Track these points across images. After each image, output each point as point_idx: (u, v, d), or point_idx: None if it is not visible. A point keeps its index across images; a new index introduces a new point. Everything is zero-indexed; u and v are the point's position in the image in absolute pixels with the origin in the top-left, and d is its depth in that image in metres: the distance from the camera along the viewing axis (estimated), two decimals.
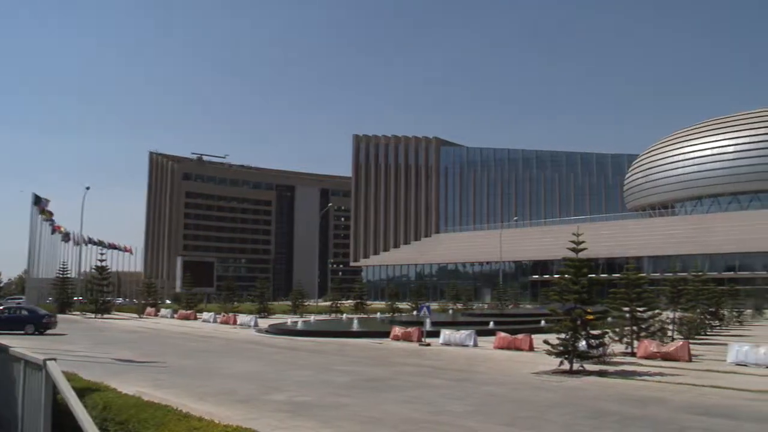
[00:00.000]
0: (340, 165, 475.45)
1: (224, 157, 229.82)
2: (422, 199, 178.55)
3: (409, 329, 40.00)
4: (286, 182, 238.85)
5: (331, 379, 22.80)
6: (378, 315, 70.40)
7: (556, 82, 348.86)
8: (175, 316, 68.93)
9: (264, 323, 55.16)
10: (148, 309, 76.11)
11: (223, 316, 61.20)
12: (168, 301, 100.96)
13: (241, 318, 57.81)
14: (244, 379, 22.25)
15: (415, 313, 61.95)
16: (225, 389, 19.83)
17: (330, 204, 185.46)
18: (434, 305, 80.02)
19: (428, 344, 36.77)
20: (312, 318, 64.17)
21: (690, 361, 28.09)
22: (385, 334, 41.58)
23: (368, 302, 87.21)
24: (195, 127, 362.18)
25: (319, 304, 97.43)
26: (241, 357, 30.88)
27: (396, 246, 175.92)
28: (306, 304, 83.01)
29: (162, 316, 71.46)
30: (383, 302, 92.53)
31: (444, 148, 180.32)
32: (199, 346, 36.99)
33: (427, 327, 39.17)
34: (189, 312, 68.18)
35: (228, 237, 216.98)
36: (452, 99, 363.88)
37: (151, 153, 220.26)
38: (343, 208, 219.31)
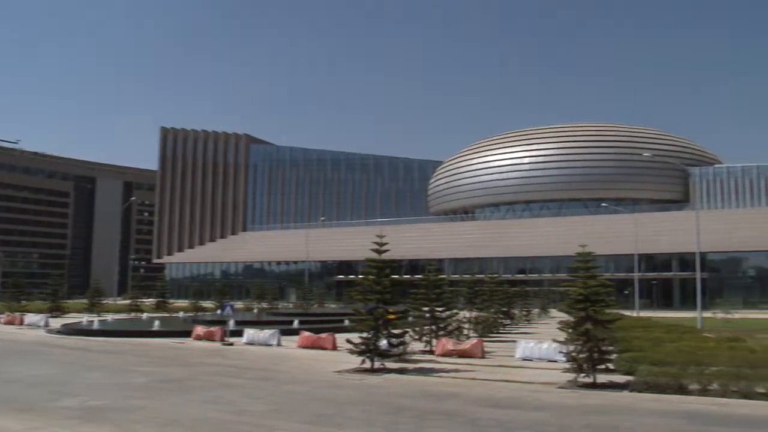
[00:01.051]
0: (145, 158, 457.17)
1: (16, 143, 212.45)
2: (230, 196, 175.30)
3: (212, 328, 39.28)
4: (86, 173, 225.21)
5: (127, 380, 21.81)
6: (181, 314, 68.25)
7: (367, 86, 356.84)
8: None
9: (56, 323, 51.89)
10: None
11: (8, 315, 56.63)
12: None
13: (30, 318, 53.76)
14: (29, 385, 20.70)
15: (218, 312, 60.73)
16: (5, 396, 18.36)
17: (133, 198, 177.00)
18: (239, 304, 79.02)
19: (231, 344, 36.23)
20: (110, 317, 61.04)
21: (483, 357, 29.71)
22: (188, 334, 40.59)
23: (171, 301, 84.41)
24: None
25: (119, 302, 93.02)
26: (27, 360, 28.74)
27: (201, 243, 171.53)
28: (104, 302, 78.57)
29: None
30: (187, 301, 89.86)
31: (254, 145, 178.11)
32: None
33: (231, 326, 38.66)
34: None
35: (18, 230, 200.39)
36: (266, 98, 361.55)
37: None
38: (147, 202, 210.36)
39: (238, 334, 38.34)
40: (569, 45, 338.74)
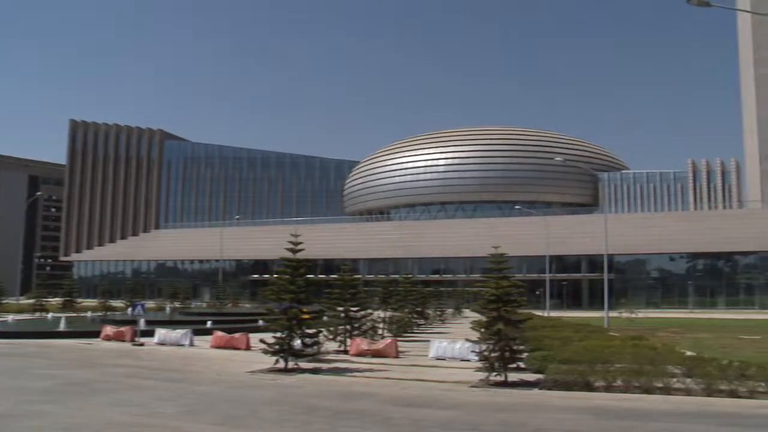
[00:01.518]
0: (53, 151, 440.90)
1: None
2: (142, 192, 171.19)
3: (122, 328, 38.30)
4: None
5: (29, 384, 20.95)
6: (89, 314, 66.11)
7: (285, 85, 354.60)
8: None
9: None
10: None
11: None
12: None
13: None
14: None
15: (129, 311, 59.13)
16: None
17: (39, 192, 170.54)
18: (151, 304, 77.30)
19: (142, 344, 35.43)
20: (11, 317, 58.54)
21: (397, 357, 29.89)
22: (96, 334, 39.46)
23: (79, 300, 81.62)
24: None
25: (22, 302, 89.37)
26: None
27: (112, 241, 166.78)
28: (5, 302, 75.31)
29: None
30: (96, 300, 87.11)
31: (168, 141, 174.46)
32: None
33: (142, 326, 37.78)
34: None
35: None
36: (182, 94, 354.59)
37: None
38: (54, 197, 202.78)
39: (150, 334, 37.51)
40: (489, 49, 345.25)
